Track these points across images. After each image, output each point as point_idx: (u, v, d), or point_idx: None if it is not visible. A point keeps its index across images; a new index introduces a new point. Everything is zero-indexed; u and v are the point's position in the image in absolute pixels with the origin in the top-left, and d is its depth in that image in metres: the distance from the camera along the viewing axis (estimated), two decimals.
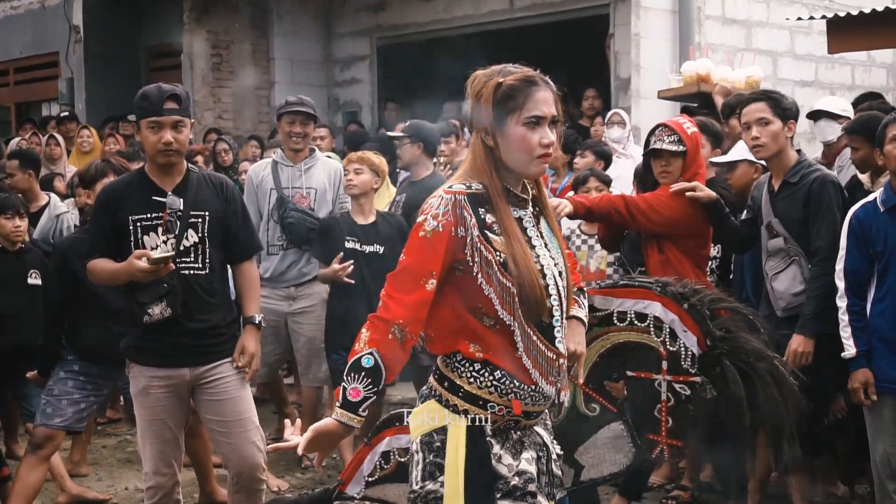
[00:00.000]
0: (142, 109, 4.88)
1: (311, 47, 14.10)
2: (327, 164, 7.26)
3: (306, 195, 7.03)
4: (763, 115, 5.34)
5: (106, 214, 4.93)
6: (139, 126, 4.95)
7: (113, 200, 4.93)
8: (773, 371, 3.87)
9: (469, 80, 3.19)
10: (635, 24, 10.86)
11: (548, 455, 3.23)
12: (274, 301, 6.96)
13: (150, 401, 4.96)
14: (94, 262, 4.94)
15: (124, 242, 4.88)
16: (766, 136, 5.33)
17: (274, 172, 7.07)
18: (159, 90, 4.88)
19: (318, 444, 3.13)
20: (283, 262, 7.01)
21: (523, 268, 3.06)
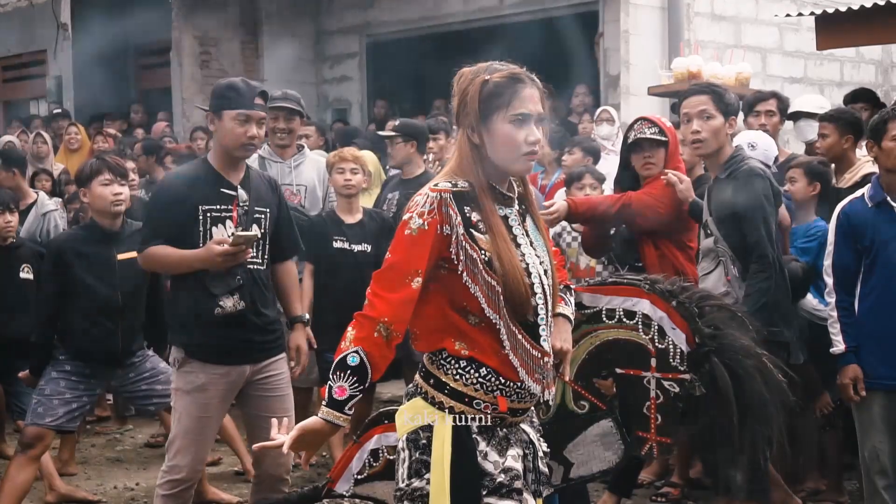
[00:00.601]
0: (229, 100, 4.83)
1: (300, 45, 14.08)
2: (316, 161, 7.18)
3: (296, 192, 6.90)
4: (706, 107, 5.08)
5: (174, 201, 4.81)
6: (220, 116, 4.84)
7: (181, 188, 4.84)
8: (760, 368, 3.87)
9: (455, 78, 3.19)
10: (624, 21, 10.87)
11: (534, 452, 3.23)
12: None
13: (206, 398, 4.84)
14: (155, 248, 4.80)
15: (191, 232, 4.77)
16: (707, 132, 5.08)
17: (261, 169, 6.74)
18: (248, 85, 4.89)
19: (305, 442, 3.13)
20: None
21: (508, 266, 3.06)
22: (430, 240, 3.05)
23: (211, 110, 4.90)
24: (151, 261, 4.89)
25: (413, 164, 7.32)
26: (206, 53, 13.72)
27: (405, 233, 3.08)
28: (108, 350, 5.91)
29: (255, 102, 4.84)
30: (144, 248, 4.85)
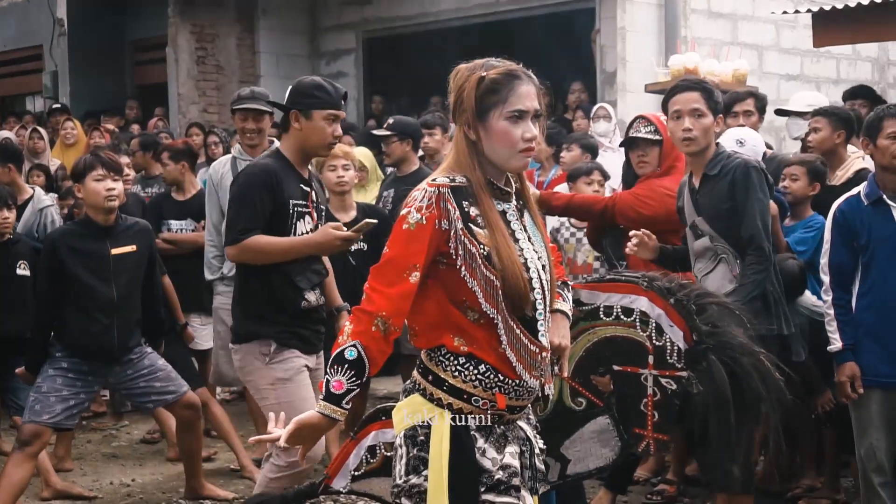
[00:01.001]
0: (318, 100, 4.89)
1: (296, 41, 14.08)
2: None
3: None
4: (697, 105, 4.97)
5: (268, 193, 4.82)
6: (308, 115, 4.88)
7: (275, 180, 4.86)
8: (758, 366, 3.87)
9: (452, 74, 3.18)
10: (621, 18, 10.86)
11: (531, 449, 3.23)
12: None
13: (307, 378, 4.92)
14: (256, 238, 4.80)
15: (283, 226, 4.84)
16: (699, 130, 4.96)
17: (234, 168, 6.79)
18: (333, 86, 4.98)
19: (301, 436, 3.12)
20: None
21: (507, 261, 3.06)
22: (427, 234, 3.05)
23: (296, 108, 4.91)
24: (252, 250, 4.82)
25: (408, 162, 7.32)
26: (203, 49, 13.71)
27: (403, 227, 3.07)
28: (104, 346, 5.90)
29: (342, 102, 5.00)
30: (243, 238, 4.80)
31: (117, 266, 5.93)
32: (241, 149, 6.93)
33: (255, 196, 4.83)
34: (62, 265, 5.86)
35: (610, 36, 10.99)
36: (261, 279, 4.87)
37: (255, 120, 6.80)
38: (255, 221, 4.80)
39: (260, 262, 4.83)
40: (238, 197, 4.91)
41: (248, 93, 6.94)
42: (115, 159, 6.07)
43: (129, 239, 6.02)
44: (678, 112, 5.00)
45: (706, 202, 5.02)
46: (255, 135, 6.82)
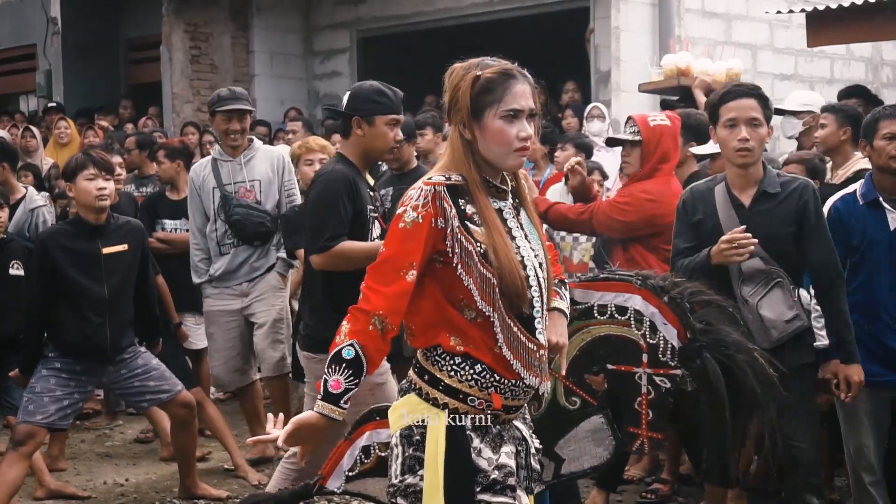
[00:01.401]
0: (381, 105, 4.91)
1: (290, 40, 14.07)
2: (269, 152, 7.12)
3: (250, 188, 6.87)
4: (756, 115, 4.56)
5: (349, 199, 4.83)
6: (370, 121, 4.90)
7: (353, 187, 4.86)
8: (752, 363, 3.88)
9: (447, 74, 3.18)
10: (615, 18, 10.87)
11: (527, 449, 3.23)
12: (226, 300, 6.96)
13: (392, 381, 4.95)
14: (343, 244, 4.79)
15: (363, 231, 4.88)
16: (756, 141, 4.55)
17: (214, 170, 6.88)
18: (393, 90, 4.99)
19: (300, 437, 3.12)
20: (235, 260, 6.90)
21: (503, 259, 3.06)
22: (424, 233, 3.05)
23: (357, 114, 4.92)
24: (341, 256, 4.79)
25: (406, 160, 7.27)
26: (197, 48, 13.69)
27: (399, 226, 3.08)
28: (97, 346, 5.89)
29: (402, 108, 5.03)
30: (331, 246, 4.77)
31: (109, 265, 5.92)
32: (220, 150, 6.95)
33: (339, 203, 4.82)
34: (53, 265, 5.86)
35: (604, 35, 11.00)
36: (346, 286, 4.70)
37: (239, 120, 6.79)
38: (342, 228, 4.80)
39: (347, 268, 4.73)
40: (323, 205, 4.86)
41: (229, 93, 6.88)
42: (107, 158, 6.06)
43: (121, 238, 6.02)
44: (733, 120, 4.55)
45: (763, 222, 4.58)
46: (239, 136, 6.81)
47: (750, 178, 4.63)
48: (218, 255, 6.92)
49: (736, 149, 4.55)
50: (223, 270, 6.89)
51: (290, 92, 13.94)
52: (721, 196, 4.66)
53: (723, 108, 4.60)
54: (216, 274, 6.89)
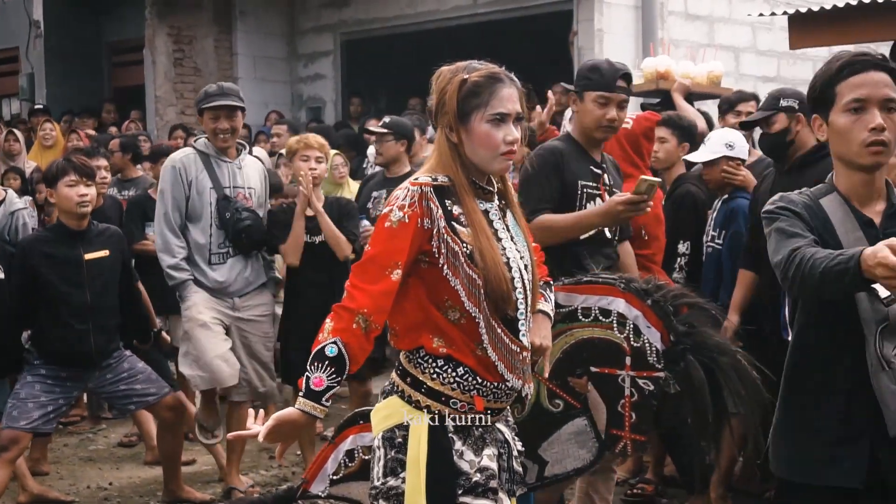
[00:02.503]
0: (590, 82, 4.81)
1: (274, 43, 14.06)
2: (257, 161, 6.68)
3: (248, 196, 6.37)
4: (892, 94, 3.12)
5: (555, 173, 4.74)
6: (582, 96, 4.81)
7: (560, 160, 4.77)
8: (735, 365, 3.89)
9: (434, 77, 3.19)
10: (598, 20, 10.90)
11: (509, 452, 3.23)
12: (216, 305, 6.32)
13: None
14: (542, 217, 4.63)
15: (571, 206, 4.72)
16: (893, 132, 3.11)
17: (209, 168, 6.28)
18: (611, 66, 4.84)
19: (280, 433, 3.11)
20: (232, 271, 6.32)
21: (489, 260, 3.07)
22: (410, 232, 3.05)
23: (574, 90, 4.87)
24: (543, 227, 4.59)
25: (400, 163, 7.24)
26: (180, 51, 13.67)
27: (385, 225, 3.08)
28: (81, 352, 5.89)
29: (616, 85, 4.80)
30: (534, 217, 4.60)
31: (91, 271, 5.92)
32: (214, 147, 6.33)
33: (542, 176, 4.75)
34: (35, 271, 5.86)
35: (587, 38, 11.02)
36: (553, 261, 4.54)
37: (227, 118, 6.27)
38: (544, 202, 4.69)
39: (549, 241, 4.52)
40: (526, 179, 4.82)
41: (216, 89, 6.40)
42: (88, 164, 6.06)
43: (102, 244, 6.02)
44: (861, 102, 3.10)
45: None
46: (228, 135, 6.29)
47: (876, 186, 3.18)
48: (208, 266, 6.28)
49: (867, 142, 3.08)
50: (216, 285, 6.29)
51: (274, 95, 13.94)
52: (837, 210, 3.15)
53: (843, 85, 3.13)
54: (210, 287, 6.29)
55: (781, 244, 3.02)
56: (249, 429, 3.17)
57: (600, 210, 4.63)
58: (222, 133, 6.27)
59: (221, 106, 6.25)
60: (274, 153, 10.20)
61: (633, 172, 5.55)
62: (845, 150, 3.15)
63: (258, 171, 6.51)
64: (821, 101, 3.19)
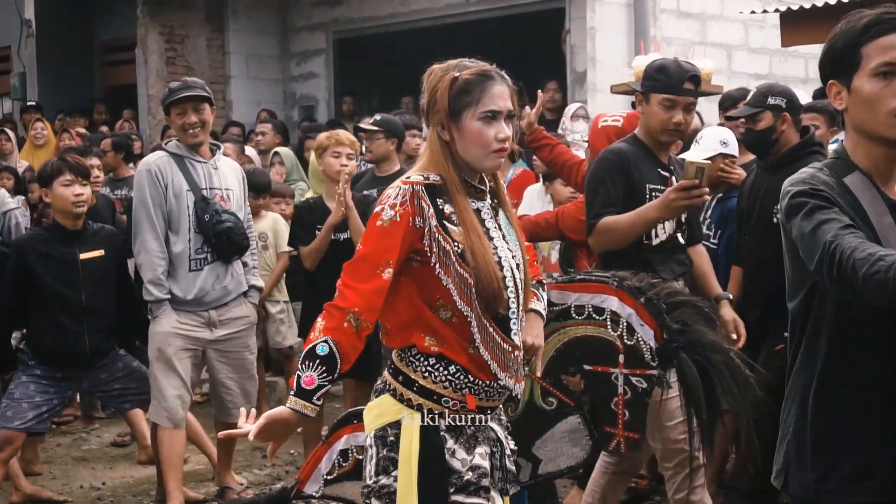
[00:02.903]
0: (657, 83, 4.67)
1: (266, 41, 14.05)
2: (231, 163, 6.35)
3: (226, 197, 6.01)
4: None
5: (620, 175, 4.64)
6: (648, 98, 4.68)
7: (626, 163, 4.66)
8: (729, 363, 3.89)
9: (425, 75, 3.19)
10: (591, 18, 10.90)
11: (501, 450, 3.24)
12: (192, 327, 5.95)
13: None
14: (604, 219, 4.57)
15: (634, 207, 4.57)
16: None
17: (184, 170, 5.91)
18: (679, 67, 4.69)
19: (271, 432, 3.11)
20: (210, 278, 5.94)
21: (480, 259, 3.07)
22: (401, 231, 3.05)
23: (640, 91, 4.75)
24: (606, 229, 4.58)
25: (391, 162, 7.24)
26: (172, 50, 13.66)
27: (376, 224, 3.08)
28: (76, 352, 5.89)
29: (683, 87, 4.66)
30: (597, 221, 4.57)
31: (86, 271, 5.92)
32: (187, 148, 5.96)
33: (607, 179, 4.65)
34: (30, 271, 5.86)
35: (580, 36, 11.02)
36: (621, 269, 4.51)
37: (195, 111, 5.89)
38: (608, 205, 4.61)
39: (614, 243, 4.55)
40: (590, 183, 4.73)
41: (181, 84, 6.06)
42: (83, 163, 6.05)
43: (97, 244, 6.02)
44: (892, 66, 2.70)
45: None
46: (198, 129, 5.89)
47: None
48: (189, 273, 5.90)
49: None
50: (196, 292, 5.91)
51: (266, 94, 13.92)
52: (865, 192, 2.74)
53: (870, 46, 2.72)
54: (186, 297, 5.88)
55: (816, 236, 2.60)
56: (240, 428, 3.17)
57: (657, 203, 4.49)
58: (191, 127, 5.88)
59: (187, 98, 5.89)
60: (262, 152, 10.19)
61: None
62: (870, 121, 2.74)
63: (235, 171, 6.21)
64: (842, 64, 2.77)
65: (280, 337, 8.18)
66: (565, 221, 5.59)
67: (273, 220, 8.11)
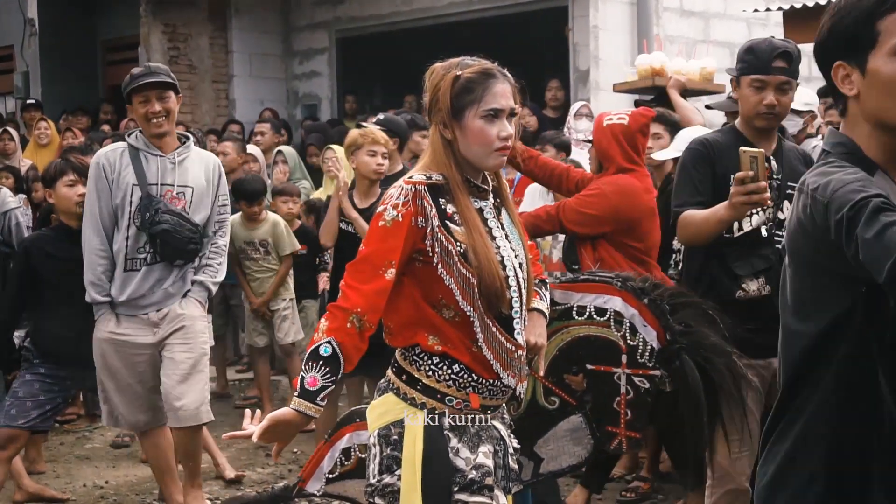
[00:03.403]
0: (746, 65, 4.40)
1: (269, 40, 14.04)
2: (204, 156, 5.87)
3: (179, 195, 5.59)
4: None
5: (704, 166, 4.42)
6: (739, 82, 4.41)
7: (711, 153, 4.44)
8: (730, 366, 3.89)
9: (427, 74, 3.19)
10: (594, 16, 10.89)
11: (504, 449, 3.23)
12: (136, 329, 5.63)
13: None
14: (683, 214, 4.35)
15: (720, 202, 4.21)
16: None
17: (136, 163, 5.53)
18: (769, 44, 4.39)
19: (275, 433, 3.10)
20: (146, 280, 5.57)
21: (483, 259, 3.07)
22: (404, 231, 3.05)
23: (733, 76, 4.53)
24: (681, 224, 4.37)
25: (393, 161, 7.23)
26: (175, 49, 13.65)
27: (379, 224, 3.08)
28: (80, 351, 5.88)
29: (772, 66, 4.35)
30: (678, 213, 4.38)
31: None
32: (145, 139, 5.60)
33: (690, 171, 4.46)
34: (36, 271, 5.87)
35: (583, 34, 11.02)
36: (699, 265, 4.44)
37: (159, 100, 5.50)
38: (689, 197, 4.40)
39: (690, 239, 4.38)
40: (676, 174, 4.57)
41: (144, 69, 5.64)
42: (86, 163, 6.05)
43: None
44: None
45: None
46: (162, 119, 5.51)
47: None
48: (123, 272, 5.57)
49: None
50: (131, 293, 5.56)
51: (269, 92, 13.92)
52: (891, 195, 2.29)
53: (889, 20, 2.30)
54: (120, 298, 5.55)
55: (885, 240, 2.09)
56: (244, 429, 3.17)
57: (723, 205, 4.09)
58: (155, 117, 5.49)
59: (151, 85, 5.50)
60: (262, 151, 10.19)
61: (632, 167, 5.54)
62: (890, 108, 2.32)
63: (206, 167, 5.73)
64: (852, 42, 2.34)
65: (282, 333, 8.21)
66: (567, 214, 5.53)
67: (272, 224, 8.11)
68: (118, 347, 5.62)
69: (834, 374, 2.30)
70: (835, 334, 2.29)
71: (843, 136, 2.41)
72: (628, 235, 5.38)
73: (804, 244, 2.32)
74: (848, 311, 2.26)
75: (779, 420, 2.41)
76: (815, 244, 2.27)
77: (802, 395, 2.35)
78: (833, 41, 2.38)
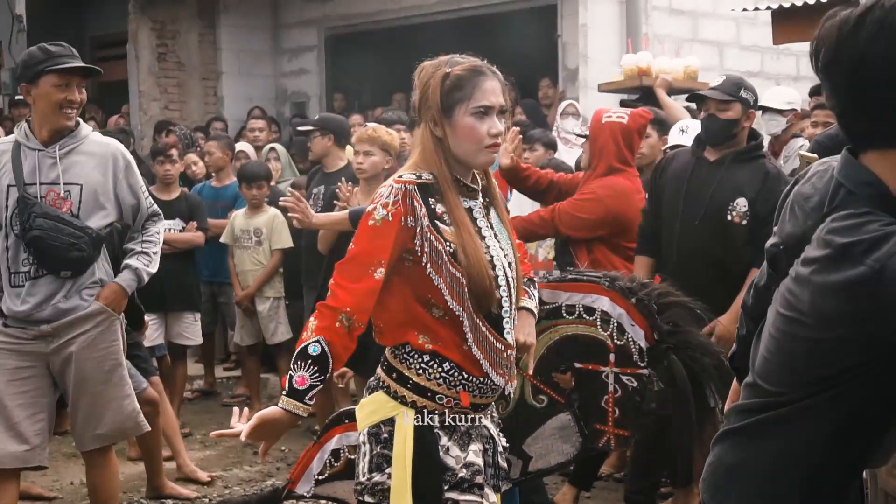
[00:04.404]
0: None
1: (258, 37, 14.02)
2: (102, 145, 4.99)
3: (65, 195, 4.82)
4: None
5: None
6: None
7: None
8: (718, 366, 3.90)
9: (417, 71, 3.19)
10: (583, 15, 10.90)
11: (494, 447, 3.24)
12: (24, 340, 4.88)
13: None
14: None
15: None
16: None
17: (15, 161, 4.80)
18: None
19: (263, 432, 3.10)
20: (32, 296, 4.81)
21: (472, 258, 3.07)
22: (393, 231, 3.05)
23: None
24: None
25: (333, 157, 7.32)
26: (164, 46, 13.63)
27: (368, 223, 3.08)
28: None
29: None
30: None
31: None
32: (28, 131, 4.87)
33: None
34: None
35: (571, 33, 11.03)
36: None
37: (79, 88, 4.86)
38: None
39: None
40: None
41: (64, 48, 4.86)
42: None
43: None
44: None
45: None
46: (75, 111, 4.87)
47: None
48: (10, 287, 4.84)
49: None
50: (17, 312, 4.83)
51: (258, 90, 13.90)
52: None
53: None
54: (9, 314, 4.85)
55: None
56: (232, 427, 3.16)
57: None
58: (71, 107, 4.82)
59: (76, 70, 4.85)
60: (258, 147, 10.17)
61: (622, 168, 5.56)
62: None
63: (103, 159, 4.93)
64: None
65: (269, 333, 8.18)
66: (563, 219, 5.53)
67: (272, 215, 8.10)
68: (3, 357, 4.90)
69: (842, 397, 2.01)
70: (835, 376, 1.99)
71: (866, 171, 1.98)
72: (623, 237, 5.41)
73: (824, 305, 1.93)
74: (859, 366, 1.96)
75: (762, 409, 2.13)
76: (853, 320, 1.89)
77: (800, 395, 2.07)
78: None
